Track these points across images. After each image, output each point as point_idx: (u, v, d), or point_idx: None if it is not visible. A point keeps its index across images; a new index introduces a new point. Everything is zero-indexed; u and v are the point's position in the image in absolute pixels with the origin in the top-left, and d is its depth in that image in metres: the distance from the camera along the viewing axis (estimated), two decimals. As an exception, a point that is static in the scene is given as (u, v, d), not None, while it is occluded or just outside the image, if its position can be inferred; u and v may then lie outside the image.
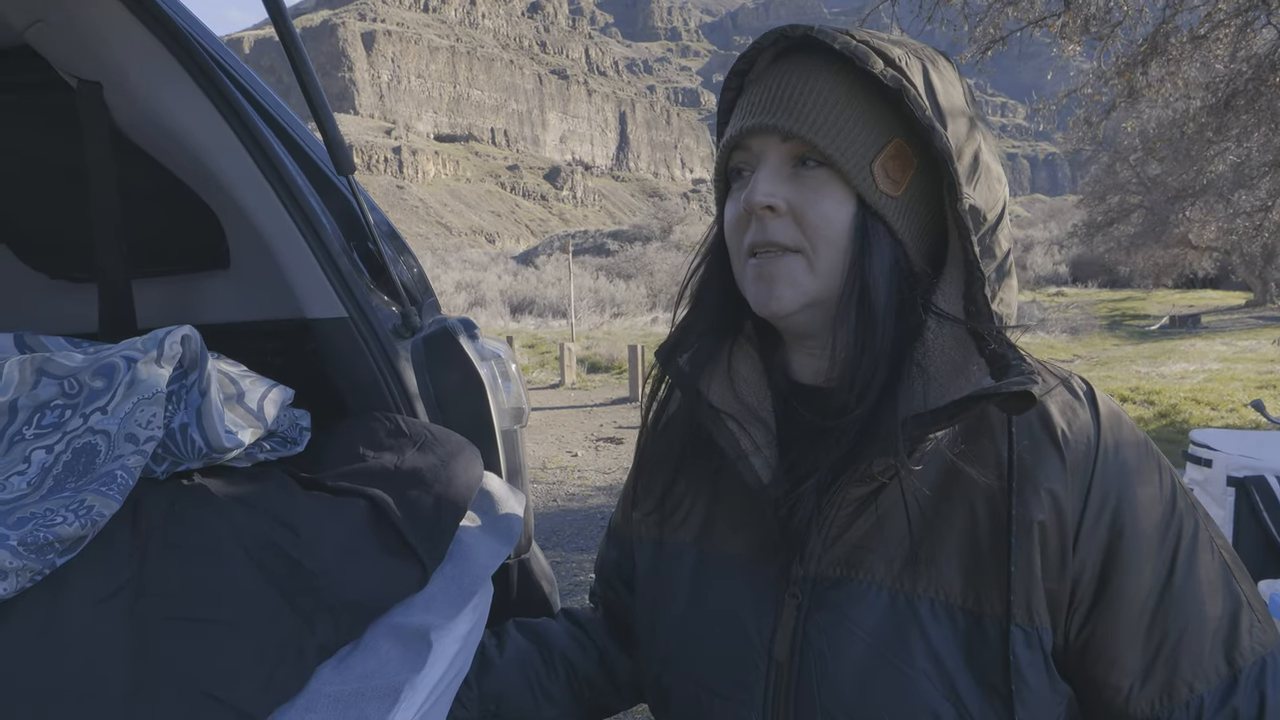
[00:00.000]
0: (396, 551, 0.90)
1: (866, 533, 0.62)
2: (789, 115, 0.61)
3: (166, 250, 1.23)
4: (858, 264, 0.61)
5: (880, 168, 0.61)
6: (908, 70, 0.59)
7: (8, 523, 0.66)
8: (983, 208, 0.61)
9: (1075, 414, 0.62)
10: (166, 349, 0.79)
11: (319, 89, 1.04)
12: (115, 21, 0.95)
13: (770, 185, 0.62)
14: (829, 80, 0.61)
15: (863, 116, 0.61)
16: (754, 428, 0.67)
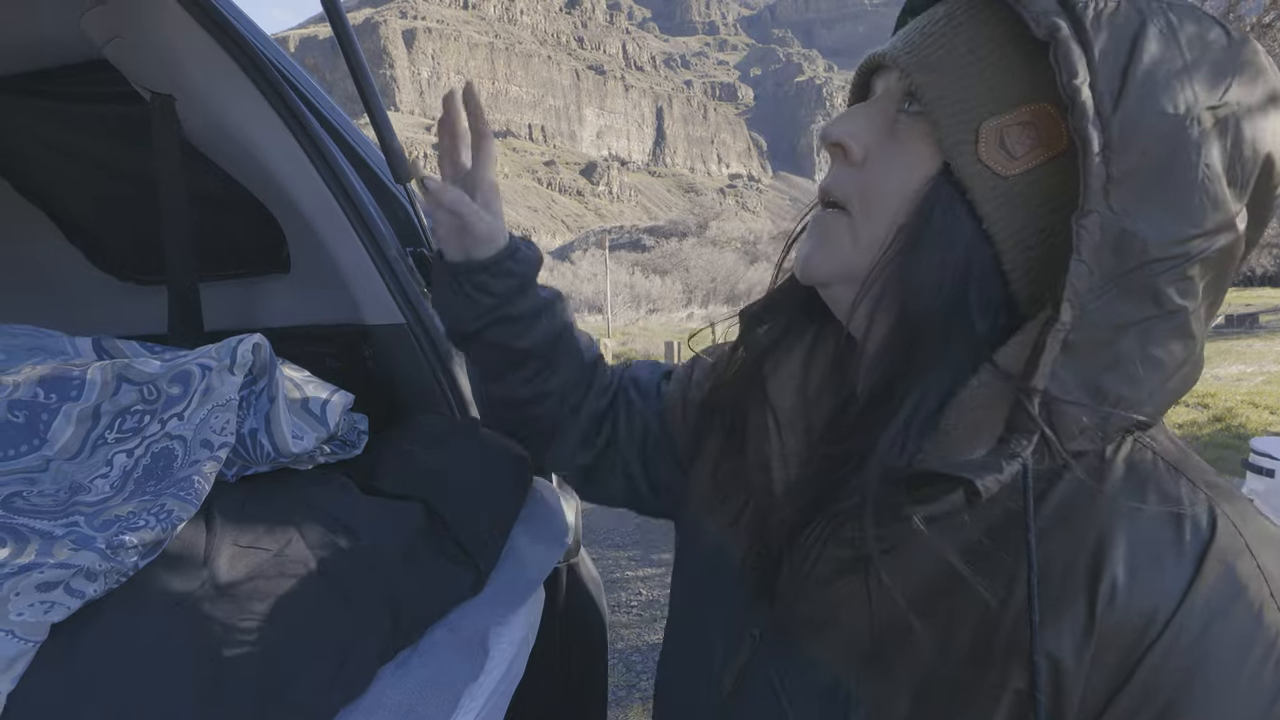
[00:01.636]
0: (452, 556, 0.92)
1: (838, 605, 0.50)
2: (907, 48, 0.48)
3: (230, 254, 1.27)
4: (907, 235, 0.47)
5: (994, 132, 0.45)
6: (1091, 18, 0.42)
7: (95, 524, 0.69)
8: (1143, 235, 0.42)
9: (1155, 564, 0.41)
10: (239, 357, 0.81)
11: (378, 101, 1.07)
12: (188, 37, 0.98)
13: (852, 123, 0.50)
14: (981, 19, 0.47)
15: (995, 63, 0.46)
16: (791, 433, 0.56)
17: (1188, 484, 0.44)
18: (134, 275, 1.49)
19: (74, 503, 0.73)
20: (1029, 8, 0.43)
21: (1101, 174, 0.42)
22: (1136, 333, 0.44)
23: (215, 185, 1.17)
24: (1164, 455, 0.46)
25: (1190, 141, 0.42)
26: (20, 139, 1.36)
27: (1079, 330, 0.42)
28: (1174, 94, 0.42)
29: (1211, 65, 0.43)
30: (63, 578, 0.60)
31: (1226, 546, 0.42)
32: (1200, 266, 0.44)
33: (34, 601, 0.58)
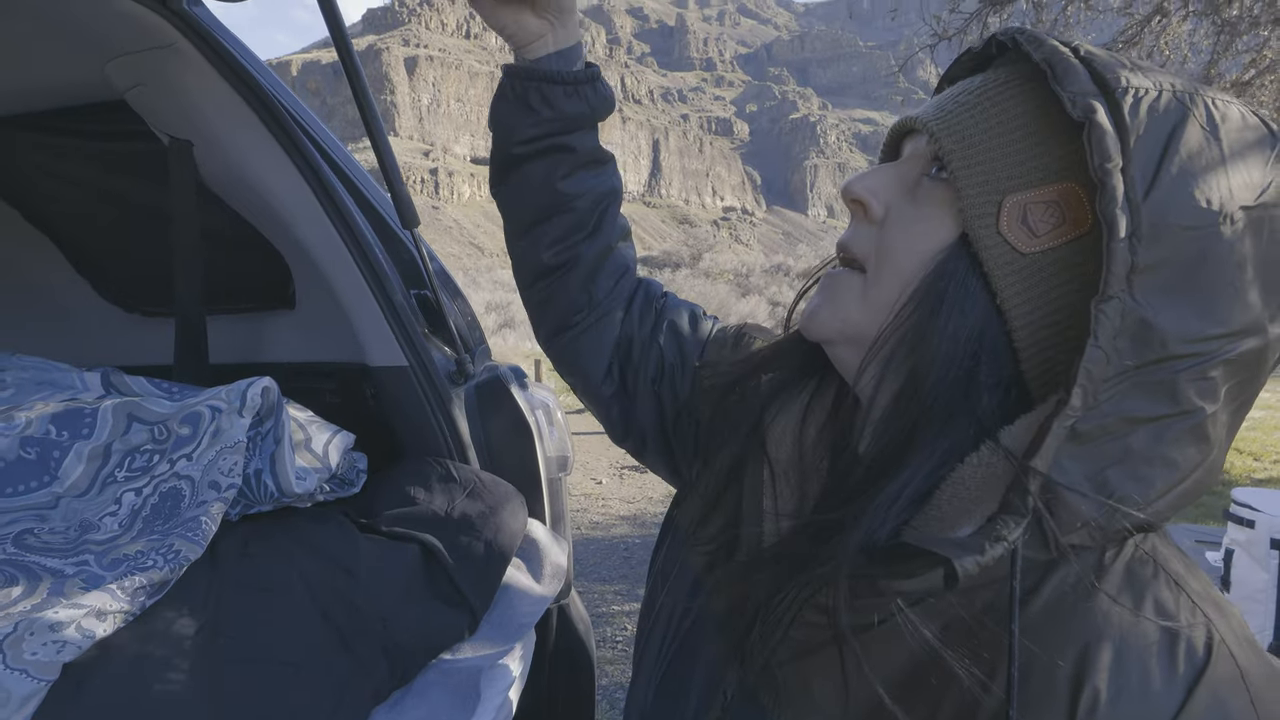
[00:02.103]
0: (448, 597, 0.94)
1: (810, 676, 0.48)
2: (939, 113, 0.48)
3: (237, 290, 1.30)
4: (921, 302, 0.46)
5: (1017, 208, 0.45)
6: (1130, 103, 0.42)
7: (104, 563, 0.71)
8: (1163, 328, 0.41)
9: (1144, 683, 0.39)
10: (249, 400, 0.84)
11: (390, 150, 1.11)
12: (209, 86, 1.02)
13: (875, 180, 0.50)
14: (1017, 94, 0.47)
15: (1026, 138, 0.45)
16: (785, 486, 0.55)
17: (1188, 601, 0.42)
18: (140, 307, 1.52)
19: (84, 541, 0.75)
20: (1067, 86, 0.43)
21: (1126, 261, 0.40)
22: (1150, 430, 0.41)
23: (225, 224, 1.21)
24: (1166, 567, 0.43)
25: (1222, 239, 0.41)
26: (35, 172, 1.40)
27: (1089, 419, 0.41)
28: (1209, 189, 0.41)
29: (1251, 163, 0.42)
30: (74, 617, 0.62)
31: (1221, 678, 0.39)
32: (1224, 368, 0.42)
33: (47, 641, 0.60)
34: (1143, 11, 4.62)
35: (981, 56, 0.52)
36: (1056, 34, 0.49)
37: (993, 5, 3.85)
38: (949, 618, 0.42)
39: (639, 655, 0.65)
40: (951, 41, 3.96)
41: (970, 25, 3.99)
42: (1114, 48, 4.51)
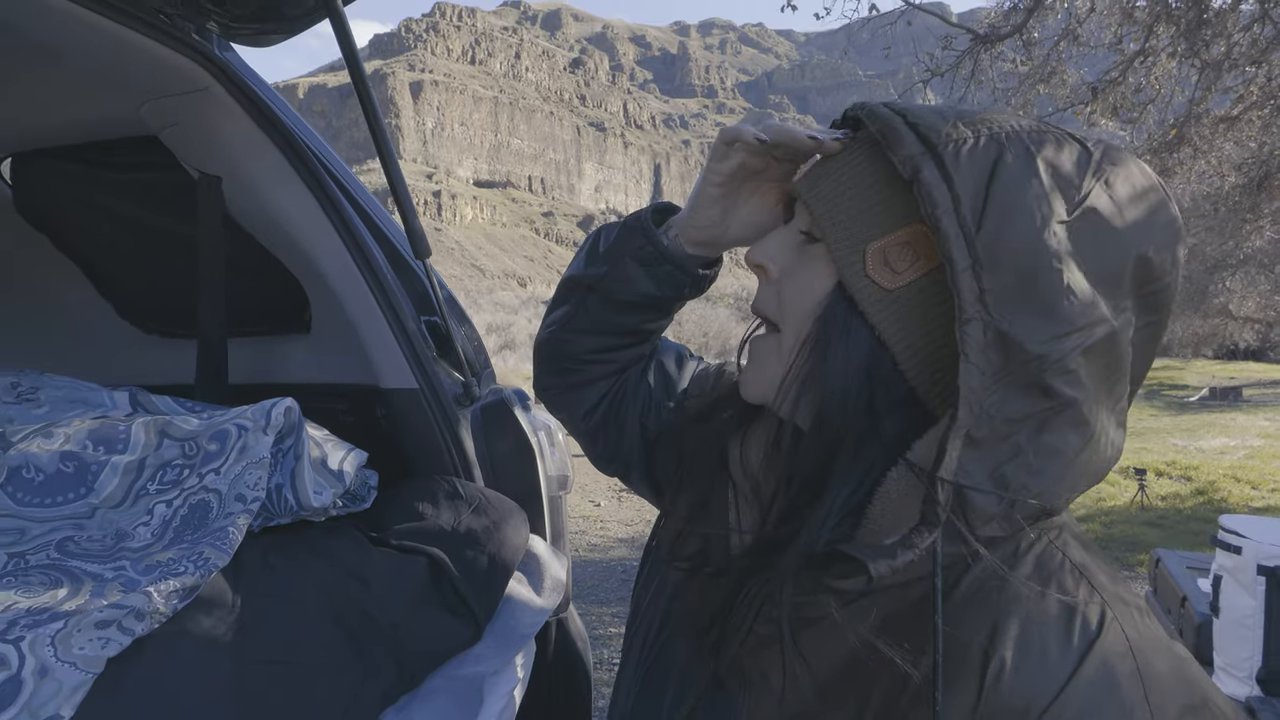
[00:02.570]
0: (453, 607, 0.99)
1: (770, 662, 0.53)
2: (809, 181, 0.56)
3: (256, 314, 1.37)
4: (812, 347, 0.52)
5: (879, 252, 0.51)
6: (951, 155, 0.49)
7: (139, 569, 0.77)
8: (1018, 336, 0.47)
9: (1042, 653, 0.44)
10: (272, 419, 0.90)
11: (405, 188, 1.19)
12: (240, 127, 1.10)
13: (770, 246, 0.57)
14: (867, 158, 0.54)
15: (875, 193, 0.53)
16: (748, 506, 0.61)
17: (1087, 586, 0.47)
18: (158, 328, 1.58)
19: (120, 548, 0.81)
20: (897, 152, 0.50)
21: (973, 287, 0.46)
22: (1031, 425, 0.47)
23: (246, 253, 1.28)
24: (1071, 558, 0.49)
25: (1049, 251, 0.47)
26: (65, 201, 1.47)
27: (979, 426, 0.46)
28: (1030, 211, 0.47)
29: (1065, 179, 0.48)
30: (116, 617, 0.68)
31: (1111, 647, 0.44)
32: (1083, 358, 0.47)
33: (92, 637, 0.66)
34: (1131, 49, 4.76)
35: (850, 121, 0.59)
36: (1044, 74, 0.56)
37: (984, 43, 3.97)
38: (889, 610, 0.48)
39: (621, 666, 0.70)
40: (945, 76, 4.08)
41: (963, 61, 4.10)
42: (1104, 83, 4.63)
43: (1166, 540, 5.18)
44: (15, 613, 0.66)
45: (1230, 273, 13.26)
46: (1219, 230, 9.91)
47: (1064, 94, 5.03)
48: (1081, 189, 0.49)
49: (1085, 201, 0.48)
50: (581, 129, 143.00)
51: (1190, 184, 7.65)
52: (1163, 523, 6.10)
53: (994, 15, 4.92)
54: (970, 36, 3.99)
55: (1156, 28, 4.09)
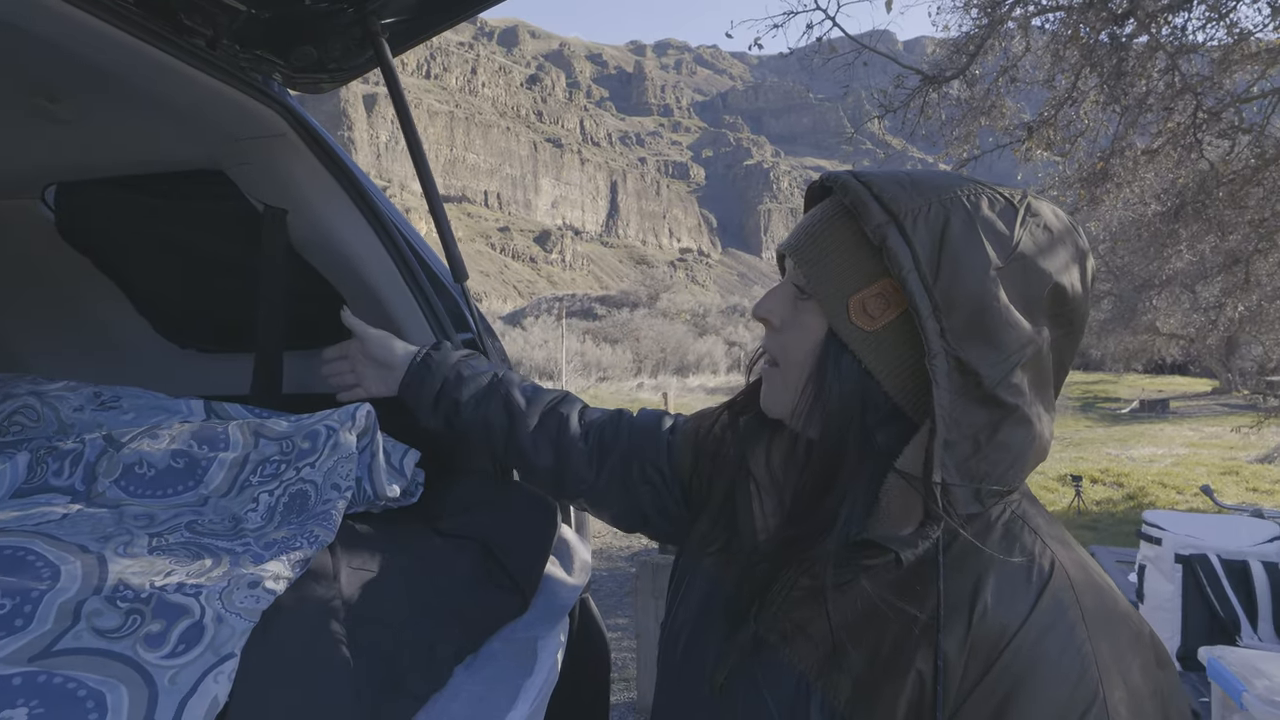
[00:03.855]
0: (502, 585, 1.16)
1: (805, 618, 0.67)
2: (795, 246, 0.70)
3: (301, 331, 1.51)
4: (814, 384, 0.66)
5: (859, 303, 0.65)
6: (910, 222, 0.62)
7: (260, 545, 0.92)
8: (973, 363, 0.61)
9: (1012, 594, 0.61)
10: (357, 421, 1.06)
11: (444, 213, 1.35)
12: (309, 167, 1.25)
13: (771, 302, 0.71)
14: (836, 219, 0.68)
15: (853, 256, 0.66)
16: (769, 496, 0.75)
17: (1041, 543, 0.63)
18: (195, 344, 1.70)
19: (239, 529, 0.95)
20: (867, 221, 0.64)
21: (936, 327, 0.61)
22: (988, 429, 0.63)
23: (298, 276, 1.42)
24: (1029, 522, 0.65)
25: (991, 294, 0.61)
26: (115, 226, 1.59)
27: (951, 433, 0.62)
28: (974, 263, 0.61)
29: (998, 233, 0.62)
30: (262, 578, 0.83)
31: (1058, 584, 0.61)
32: (1021, 372, 0.63)
33: (247, 595, 0.80)
34: (1062, 86, 5.18)
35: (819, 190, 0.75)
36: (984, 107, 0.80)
37: (932, 83, 4.31)
38: (897, 575, 0.64)
39: (664, 651, 0.84)
40: (897, 113, 4.40)
41: (913, 99, 4.43)
42: (1039, 121, 5.03)
43: (1101, 540, 5.57)
44: (180, 576, 0.80)
45: (1156, 292, 14.13)
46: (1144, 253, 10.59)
47: (1002, 125, 5.43)
48: (1012, 239, 0.63)
49: (1016, 249, 0.63)
50: (538, 145, 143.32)
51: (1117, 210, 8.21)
52: (1097, 525, 6.52)
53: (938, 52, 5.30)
54: (920, 77, 4.32)
55: (1083, 71, 4.49)
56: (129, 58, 1.06)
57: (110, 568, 0.79)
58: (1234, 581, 2.55)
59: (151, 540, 0.88)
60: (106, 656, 0.70)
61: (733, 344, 31.54)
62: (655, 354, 28.75)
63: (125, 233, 1.58)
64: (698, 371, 26.85)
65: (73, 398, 1.20)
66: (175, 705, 0.68)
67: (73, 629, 0.72)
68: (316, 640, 0.85)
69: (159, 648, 0.72)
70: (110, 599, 0.75)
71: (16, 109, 1.25)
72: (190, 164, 1.37)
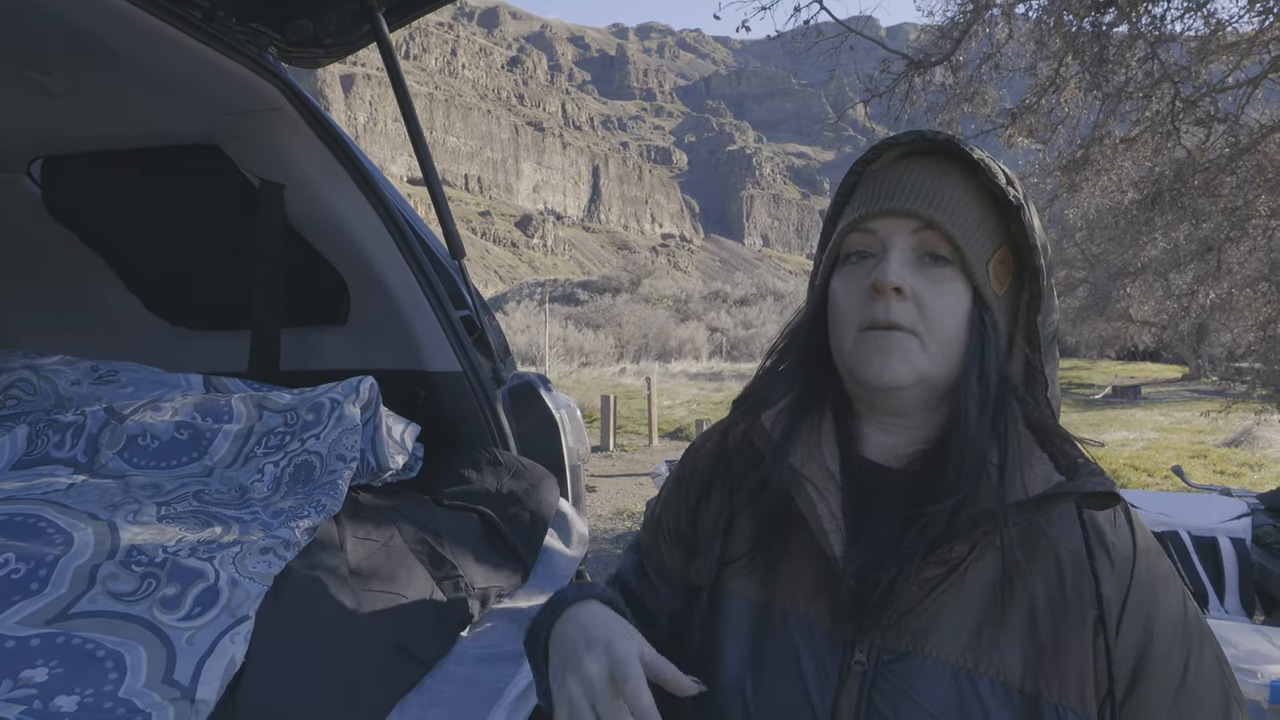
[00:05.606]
0: (504, 554, 1.18)
1: (936, 609, 0.64)
2: (928, 204, 0.66)
3: (296, 308, 1.51)
4: (976, 350, 0.66)
5: (993, 268, 0.67)
6: (1019, 186, 0.66)
7: (268, 514, 0.93)
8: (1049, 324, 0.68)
9: (1117, 522, 0.66)
10: (360, 393, 1.07)
11: (441, 190, 1.36)
12: (306, 142, 1.25)
13: (901, 269, 0.66)
14: (960, 184, 0.67)
15: (984, 221, 0.67)
16: (831, 496, 0.68)
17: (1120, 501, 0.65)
18: (186, 321, 1.69)
19: (246, 499, 0.96)
20: (998, 181, 0.66)
21: (1051, 289, 0.67)
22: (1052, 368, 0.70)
23: (294, 254, 1.42)
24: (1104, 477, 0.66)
25: (1047, 252, 0.69)
26: (104, 201, 1.57)
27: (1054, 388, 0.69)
28: (1038, 223, 0.69)
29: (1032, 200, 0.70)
30: (273, 545, 0.84)
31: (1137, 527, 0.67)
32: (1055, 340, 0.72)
33: (260, 560, 0.82)
34: (1044, 74, 5.23)
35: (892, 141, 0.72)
36: (968, 94, 0.82)
37: (917, 68, 4.34)
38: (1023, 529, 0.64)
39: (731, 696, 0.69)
40: (881, 98, 4.43)
41: (898, 84, 4.46)
42: (1021, 108, 5.08)
43: (1075, 521, 5.69)
44: (194, 541, 0.81)
45: (1130, 280, 14.38)
46: (1120, 241, 10.75)
47: (985, 112, 5.48)
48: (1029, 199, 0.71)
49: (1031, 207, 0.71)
50: (520, 128, 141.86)
51: (1095, 198, 8.33)
52: (1072, 507, 6.65)
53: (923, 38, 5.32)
54: (905, 61, 4.35)
55: (1065, 58, 4.54)
56: (124, 25, 1.05)
57: (122, 534, 0.80)
58: (1203, 557, 2.64)
59: (160, 509, 0.89)
60: (124, 619, 0.71)
61: (715, 330, 31.62)
62: (638, 339, 28.74)
63: (113, 208, 1.56)
64: (680, 357, 26.91)
65: (70, 371, 1.20)
66: (194, 665, 0.70)
67: (89, 592, 0.73)
68: (326, 605, 0.87)
69: (175, 610, 0.73)
70: (125, 563, 0.76)
71: (6, 82, 1.23)
72: (183, 138, 1.36)
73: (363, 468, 1.08)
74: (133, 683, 0.67)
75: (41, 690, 0.64)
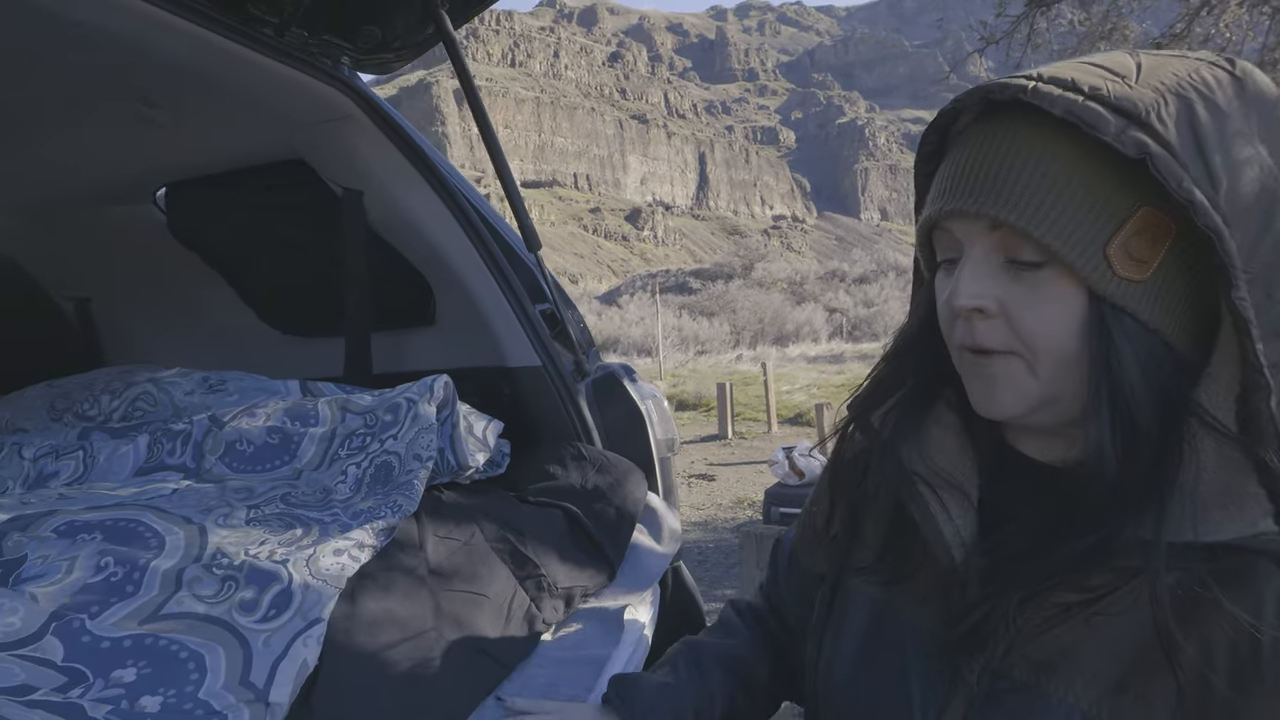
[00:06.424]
0: (590, 552, 1.14)
1: (1068, 643, 0.52)
2: (995, 198, 0.52)
3: (388, 311, 1.55)
4: (1100, 367, 0.51)
5: (1120, 249, 0.50)
6: (1158, 123, 0.47)
7: (348, 515, 0.94)
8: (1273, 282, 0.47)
9: None
10: (435, 392, 1.07)
11: (516, 186, 1.34)
12: (379, 147, 1.26)
13: (975, 285, 0.54)
14: (1047, 147, 0.51)
15: (1092, 190, 0.50)
16: (948, 495, 0.59)
17: None
18: (296, 329, 1.79)
19: (329, 500, 0.98)
20: (1105, 131, 0.47)
21: (1235, 252, 0.46)
22: None
23: (380, 258, 1.45)
24: None
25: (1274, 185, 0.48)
26: (213, 221, 1.68)
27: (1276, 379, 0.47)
28: (1241, 154, 0.47)
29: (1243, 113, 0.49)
30: (347, 547, 0.85)
31: None
32: None
33: (333, 562, 0.82)
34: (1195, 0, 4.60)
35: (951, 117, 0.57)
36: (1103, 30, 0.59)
37: (1038, 5, 3.93)
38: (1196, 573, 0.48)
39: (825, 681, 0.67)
40: (999, 44, 4.05)
41: (1018, 27, 4.06)
42: (1169, 36, 4.49)
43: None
44: (272, 545, 0.83)
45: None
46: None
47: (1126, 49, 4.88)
48: (1251, 114, 0.49)
49: (1264, 121, 0.50)
50: (624, 122, 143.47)
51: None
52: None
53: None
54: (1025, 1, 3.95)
55: (1224, -26, 3.96)
56: (204, 51, 1.09)
57: (210, 538, 0.83)
58: None
59: (249, 511, 0.92)
60: (206, 621, 0.73)
61: (833, 310, 30.63)
62: (753, 325, 28.34)
63: (225, 228, 1.67)
64: (797, 340, 26.28)
65: (185, 383, 1.28)
66: (269, 667, 0.70)
67: (175, 595, 0.75)
68: (403, 606, 0.86)
69: (252, 612, 0.75)
70: (208, 566, 0.78)
71: (122, 116, 1.33)
72: (274, 156, 1.42)
73: (442, 466, 1.08)
74: (212, 684, 0.68)
75: (129, 690, 0.66)
